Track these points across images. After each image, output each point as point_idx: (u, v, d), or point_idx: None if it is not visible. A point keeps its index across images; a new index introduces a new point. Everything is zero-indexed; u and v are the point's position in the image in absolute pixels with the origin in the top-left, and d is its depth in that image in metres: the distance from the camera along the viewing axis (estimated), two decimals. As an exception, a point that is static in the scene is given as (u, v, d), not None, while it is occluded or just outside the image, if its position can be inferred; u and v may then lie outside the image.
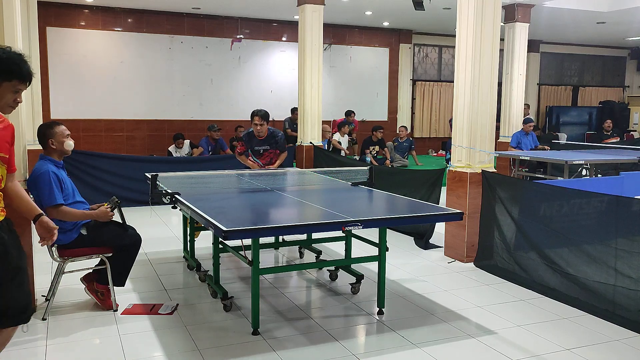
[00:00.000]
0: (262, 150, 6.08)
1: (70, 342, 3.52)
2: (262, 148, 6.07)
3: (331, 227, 3.52)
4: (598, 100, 16.64)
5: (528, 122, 9.59)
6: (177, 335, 3.63)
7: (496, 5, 5.21)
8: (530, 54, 13.06)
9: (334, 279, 4.81)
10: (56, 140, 3.82)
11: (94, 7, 10.94)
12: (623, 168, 8.44)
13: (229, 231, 3.15)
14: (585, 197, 4.40)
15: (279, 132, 6.20)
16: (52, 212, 3.68)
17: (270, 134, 6.07)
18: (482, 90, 5.21)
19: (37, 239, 3.88)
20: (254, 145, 6.06)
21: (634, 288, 3.83)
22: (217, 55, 12.02)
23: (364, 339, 3.73)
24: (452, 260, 5.44)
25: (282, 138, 6.16)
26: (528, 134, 9.55)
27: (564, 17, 11.30)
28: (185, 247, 5.35)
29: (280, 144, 6.13)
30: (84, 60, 10.97)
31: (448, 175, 5.54)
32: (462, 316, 4.02)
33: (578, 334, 3.72)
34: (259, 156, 6.11)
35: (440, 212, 3.98)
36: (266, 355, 3.35)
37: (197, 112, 11.87)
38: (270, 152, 6.11)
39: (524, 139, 9.51)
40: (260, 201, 4.46)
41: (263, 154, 6.10)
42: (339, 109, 12.44)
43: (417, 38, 14.28)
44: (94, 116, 11.05)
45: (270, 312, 4.06)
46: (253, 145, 6.06)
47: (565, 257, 4.39)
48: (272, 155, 6.14)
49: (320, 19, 8.71)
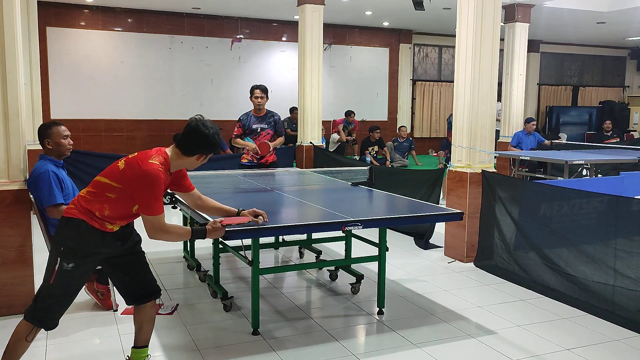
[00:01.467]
0: (260, 129, 6.00)
1: (70, 342, 3.52)
2: (260, 126, 5.99)
3: (331, 227, 3.52)
4: (598, 100, 16.65)
5: (530, 122, 9.57)
6: (177, 335, 3.63)
7: (496, 5, 5.21)
8: (530, 54, 13.06)
9: (334, 279, 4.81)
10: (52, 141, 3.82)
11: (94, 7, 10.95)
12: (623, 168, 8.44)
13: (229, 231, 3.15)
14: (585, 197, 4.40)
15: (277, 113, 6.19)
16: (53, 211, 3.68)
17: (269, 112, 6.07)
18: (482, 90, 5.21)
19: (38, 239, 3.90)
20: (251, 123, 5.99)
21: (633, 288, 3.83)
22: (217, 55, 12.02)
23: (364, 339, 3.73)
24: (452, 260, 5.44)
25: (280, 120, 6.15)
26: (530, 133, 9.53)
27: (564, 17, 11.30)
28: (185, 247, 5.35)
29: (279, 126, 6.11)
30: (84, 60, 10.98)
31: (448, 175, 5.54)
32: (462, 316, 4.02)
33: (578, 334, 3.72)
34: (256, 136, 6.01)
35: (440, 212, 3.98)
36: (266, 355, 3.36)
37: (197, 112, 11.77)
38: (268, 133, 6.06)
39: (525, 138, 9.50)
40: (260, 201, 4.45)
41: (260, 133, 6.00)
42: (339, 109, 12.45)
43: (417, 38, 14.29)
44: (94, 116, 11.05)
45: (270, 312, 4.06)
46: (251, 123, 5.99)
47: (565, 257, 4.39)
48: (269, 137, 6.08)
49: (320, 19, 8.71)
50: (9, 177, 3.86)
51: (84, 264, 2.71)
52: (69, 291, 2.73)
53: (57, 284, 2.66)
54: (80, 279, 2.75)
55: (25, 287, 3.92)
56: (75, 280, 2.73)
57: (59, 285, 2.67)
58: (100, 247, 2.73)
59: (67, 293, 2.73)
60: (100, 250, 2.74)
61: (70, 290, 2.74)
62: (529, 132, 9.51)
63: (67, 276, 2.67)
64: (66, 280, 2.68)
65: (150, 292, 2.94)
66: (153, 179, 2.64)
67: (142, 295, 2.92)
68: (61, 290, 2.69)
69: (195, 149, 2.81)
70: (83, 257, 2.70)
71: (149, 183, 2.64)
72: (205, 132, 2.79)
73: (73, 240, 2.68)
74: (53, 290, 2.68)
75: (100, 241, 2.71)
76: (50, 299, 2.69)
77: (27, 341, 2.71)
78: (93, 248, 2.71)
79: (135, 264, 2.92)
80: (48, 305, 2.69)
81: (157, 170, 2.66)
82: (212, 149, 2.84)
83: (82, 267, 2.71)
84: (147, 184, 2.64)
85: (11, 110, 3.85)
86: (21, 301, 3.90)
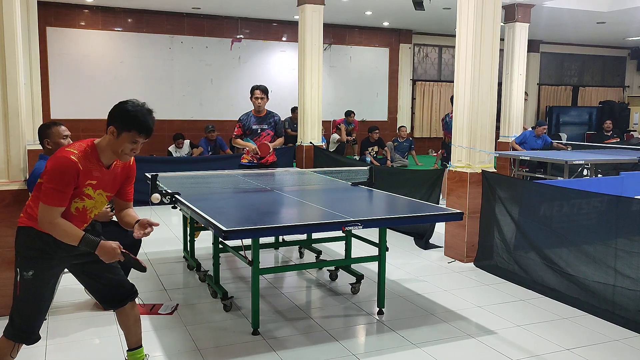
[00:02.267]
0: (260, 129, 5.97)
1: (70, 342, 3.52)
2: (260, 127, 5.97)
3: (331, 227, 3.52)
4: (598, 100, 16.65)
5: (541, 125, 9.54)
6: (177, 335, 3.63)
7: (496, 5, 5.21)
8: (530, 54, 13.06)
9: (334, 279, 4.81)
10: (52, 141, 3.81)
11: (94, 7, 10.95)
12: (623, 168, 8.44)
13: (229, 231, 3.15)
14: (585, 197, 4.40)
15: (277, 114, 6.18)
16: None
17: (269, 112, 6.04)
18: (482, 90, 5.21)
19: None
20: (251, 124, 5.96)
21: (633, 288, 3.83)
22: (217, 55, 12.02)
23: (364, 339, 3.73)
24: (452, 260, 5.44)
25: (280, 121, 6.13)
26: (539, 137, 9.49)
27: (564, 17, 11.30)
28: (185, 247, 5.35)
29: (279, 126, 6.09)
30: (84, 60, 10.98)
31: (448, 176, 5.54)
32: (462, 316, 4.02)
33: (578, 334, 3.72)
34: (256, 136, 5.97)
35: (440, 212, 3.98)
36: (266, 355, 3.35)
37: (197, 112, 11.88)
38: (268, 134, 6.04)
39: (532, 140, 9.47)
40: (260, 201, 4.46)
41: (260, 133, 5.97)
42: (339, 109, 12.45)
43: (417, 38, 14.29)
44: (94, 116, 11.04)
45: (270, 312, 4.06)
46: (251, 124, 5.96)
47: (565, 257, 4.39)
48: (269, 138, 6.06)
49: (320, 19, 8.71)
50: (8, 177, 3.87)
51: (44, 270, 2.61)
52: (39, 297, 2.63)
53: (23, 295, 2.59)
54: (46, 284, 2.64)
55: (25, 287, 3.91)
56: (41, 287, 2.62)
57: (27, 295, 2.59)
58: (53, 251, 2.60)
59: (38, 300, 2.63)
60: (54, 254, 2.61)
61: (39, 297, 2.63)
62: (538, 135, 9.49)
63: (31, 284, 2.58)
64: (32, 289, 2.59)
65: (126, 295, 2.85)
66: (58, 165, 2.48)
67: (119, 299, 2.83)
68: (30, 299, 2.60)
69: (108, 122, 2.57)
70: (40, 263, 2.60)
71: (52, 169, 2.48)
72: (124, 106, 2.57)
73: (26, 248, 2.60)
74: (23, 302, 2.61)
75: (52, 245, 2.58)
76: (23, 311, 2.62)
77: (12, 357, 2.65)
78: (46, 253, 2.60)
79: (104, 269, 2.77)
80: (24, 318, 2.62)
81: (66, 157, 2.49)
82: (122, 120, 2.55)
83: (43, 273, 2.61)
84: (51, 170, 2.49)
85: (11, 110, 3.85)
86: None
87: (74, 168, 2.48)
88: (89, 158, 2.56)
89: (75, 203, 2.59)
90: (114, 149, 2.60)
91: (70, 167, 2.48)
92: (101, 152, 2.61)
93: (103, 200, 2.72)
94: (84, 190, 2.58)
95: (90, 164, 2.56)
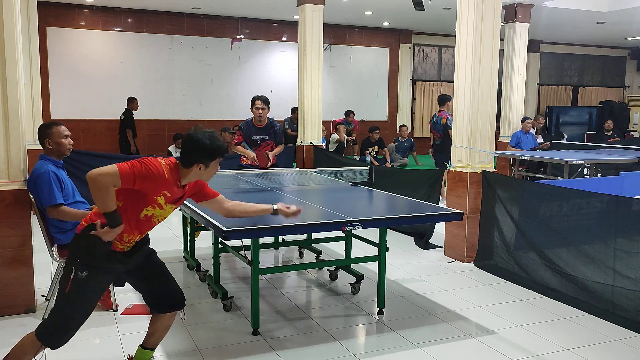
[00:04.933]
0: (260, 140, 5.94)
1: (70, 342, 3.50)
2: (260, 138, 5.94)
3: (331, 227, 3.52)
4: (598, 100, 16.64)
5: (525, 120, 9.59)
6: (177, 335, 3.63)
7: (496, 5, 5.21)
8: (530, 54, 13.05)
9: (334, 279, 4.81)
10: (52, 141, 3.81)
11: (94, 7, 10.95)
12: (623, 168, 8.44)
13: (229, 231, 3.16)
14: (585, 197, 4.40)
15: (278, 123, 6.15)
16: (52, 212, 3.68)
17: (270, 123, 5.98)
18: (482, 90, 5.21)
19: (38, 239, 3.89)
20: (252, 134, 5.94)
21: (633, 288, 3.83)
22: (217, 55, 12.02)
23: (364, 339, 3.73)
24: (452, 260, 5.44)
25: (281, 130, 6.09)
26: (528, 132, 9.54)
27: (563, 17, 11.30)
28: (185, 247, 5.35)
29: (278, 136, 6.04)
30: (84, 60, 10.97)
31: (448, 176, 5.54)
32: (462, 316, 4.02)
33: (578, 334, 3.72)
34: (255, 146, 5.96)
35: (440, 212, 3.98)
36: (266, 355, 3.36)
37: (197, 112, 11.87)
38: (268, 144, 6.03)
39: (524, 138, 9.50)
40: (260, 201, 4.43)
41: (260, 144, 5.95)
42: (339, 109, 12.44)
43: (417, 38, 14.28)
44: (94, 116, 11.05)
45: (270, 312, 4.06)
46: (251, 134, 5.94)
47: (565, 257, 4.39)
48: (269, 148, 6.05)
49: (320, 19, 8.71)
50: (9, 177, 3.87)
51: (98, 273, 2.68)
52: (85, 300, 2.68)
53: (72, 293, 2.63)
54: (94, 289, 2.70)
55: (25, 287, 3.92)
56: (89, 290, 2.68)
57: (75, 295, 2.64)
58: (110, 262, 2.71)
59: (83, 302, 2.68)
60: (110, 266, 2.72)
61: (85, 300, 2.68)
62: (527, 131, 9.52)
63: (82, 285, 2.64)
64: (81, 289, 2.64)
65: (174, 304, 2.98)
66: (153, 160, 2.67)
67: (167, 306, 2.97)
68: (77, 299, 2.65)
69: (190, 159, 2.76)
70: (96, 267, 2.67)
71: (148, 159, 2.67)
72: (198, 142, 2.73)
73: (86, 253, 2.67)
74: (68, 301, 2.65)
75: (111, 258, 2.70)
76: (65, 310, 2.66)
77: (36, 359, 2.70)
78: (103, 263, 2.69)
79: (158, 276, 2.97)
80: (63, 318, 2.66)
81: (157, 160, 2.69)
82: (207, 156, 2.76)
83: (96, 277, 2.67)
84: (145, 159, 2.66)
85: (11, 110, 3.85)
86: (21, 301, 3.91)
87: (161, 170, 2.66)
88: (173, 173, 2.74)
89: (146, 210, 2.74)
90: (206, 178, 2.89)
91: (159, 168, 2.65)
92: (183, 175, 2.79)
93: (170, 212, 2.88)
94: (157, 199, 2.72)
95: (172, 178, 2.73)
